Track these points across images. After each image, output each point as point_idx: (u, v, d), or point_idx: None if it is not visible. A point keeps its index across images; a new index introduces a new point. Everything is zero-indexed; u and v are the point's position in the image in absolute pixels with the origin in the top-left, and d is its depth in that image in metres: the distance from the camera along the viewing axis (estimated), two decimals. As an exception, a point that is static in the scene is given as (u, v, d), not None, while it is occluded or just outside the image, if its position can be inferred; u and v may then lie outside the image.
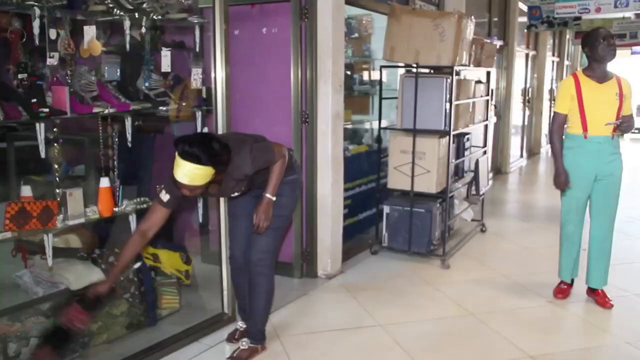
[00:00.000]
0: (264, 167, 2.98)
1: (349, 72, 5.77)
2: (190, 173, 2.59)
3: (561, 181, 3.99)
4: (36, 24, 2.69)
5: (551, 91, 13.65)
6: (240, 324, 3.53)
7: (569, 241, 4.16)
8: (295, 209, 3.29)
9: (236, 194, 3.05)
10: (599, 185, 3.96)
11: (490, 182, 6.61)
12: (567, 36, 14.17)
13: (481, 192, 5.89)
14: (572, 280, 4.29)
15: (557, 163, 4.01)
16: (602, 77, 3.88)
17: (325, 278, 4.64)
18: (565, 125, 4.02)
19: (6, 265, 3.48)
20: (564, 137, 4.05)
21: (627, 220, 6.44)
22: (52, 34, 2.81)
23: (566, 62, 14.53)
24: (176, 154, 2.60)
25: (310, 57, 4.41)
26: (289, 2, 4.35)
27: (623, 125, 3.83)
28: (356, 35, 6.05)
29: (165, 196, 2.84)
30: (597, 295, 4.11)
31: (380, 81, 5.26)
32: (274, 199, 3.04)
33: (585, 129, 3.88)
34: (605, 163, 3.91)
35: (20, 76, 2.73)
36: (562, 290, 4.25)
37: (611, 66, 3.96)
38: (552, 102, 13.88)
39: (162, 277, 3.79)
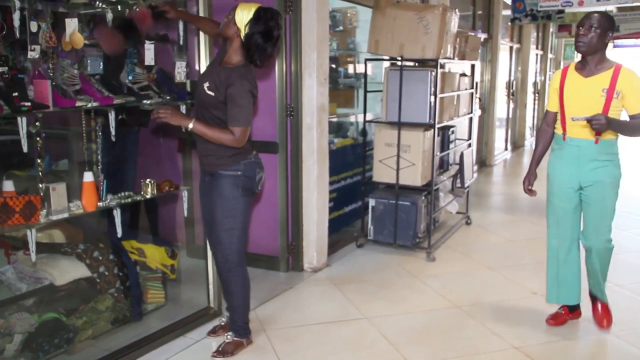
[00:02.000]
0: (223, 120, 2.97)
1: (334, 65, 5.76)
2: (250, 4, 2.96)
3: (524, 183, 3.64)
4: (16, 17, 2.65)
5: (535, 84, 13.74)
6: (224, 319, 3.53)
7: (552, 258, 3.64)
8: (247, 211, 3.16)
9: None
10: (584, 194, 3.47)
11: (475, 174, 6.64)
12: (551, 29, 14.26)
13: (466, 185, 5.92)
14: (575, 307, 3.74)
15: (530, 163, 3.69)
16: (590, 71, 3.34)
17: (311, 271, 4.64)
18: None
19: (-12, 261, 3.44)
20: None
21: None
22: (33, 26, 2.77)
23: (550, 55, 14.63)
24: None
25: (295, 50, 4.40)
26: (273, -5, 4.33)
27: (593, 124, 3.14)
28: (341, 28, 6.04)
29: None
30: (594, 309, 3.69)
31: (365, 74, 5.27)
32: (190, 126, 2.92)
33: (564, 128, 3.43)
34: (586, 170, 3.39)
35: (0, 69, 2.69)
36: (556, 316, 3.75)
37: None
38: (536, 95, 13.99)
39: (147, 271, 3.77)
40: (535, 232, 5.72)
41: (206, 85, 2.97)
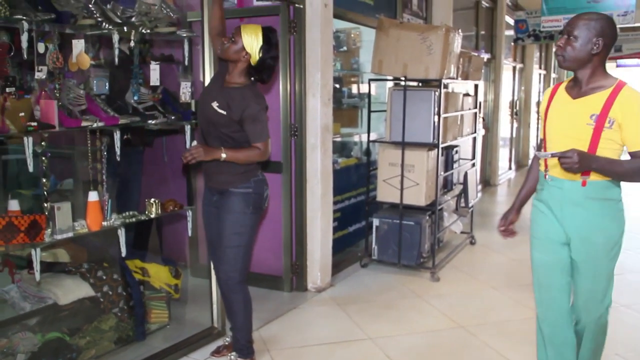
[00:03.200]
0: (242, 141, 3.01)
1: (337, 85, 5.79)
2: (254, 27, 3.00)
3: (500, 221, 2.94)
4: (24, 38, 2.68)
5: (538, 103, 13.76)
6: (228, 339, 3.51)
7: (539, 331, 2.86)
8: (255, 228, 3.19)
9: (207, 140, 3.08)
10: (572, 251, 2.62)
11: (479, 194, 6.64)
12: (554, 49, 14.33)
13: (470, 205, 5.91)
14: None
15: (513, 202, 3.01)
16: (580, 91, 2.52)
17: (315, 291, 4.63)
18: None
19: (-7, 280, 3.45)
20: None
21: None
22: (41, 47, 2.81)
23: (553, 75, 14.68)
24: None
25: (299, 70, 4.43)
26: (277, 16, 4.37)
27: (562, 164, 2.36)
28: (345, 48, 6.08)
29: None
30: None
31: (369, 94, 5.29)
32: (223, 156, 2.95)
33: (545, 164, 2.64)
34: (571, 220, 2.56)
35: (8, 90, 2.72)
36: None
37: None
38: (539, 114, 14.02)
39: (151, 291, 3.77)
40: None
41: (215, 104, 2.99)
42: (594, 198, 2.50)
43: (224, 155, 2.94)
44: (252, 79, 3.09)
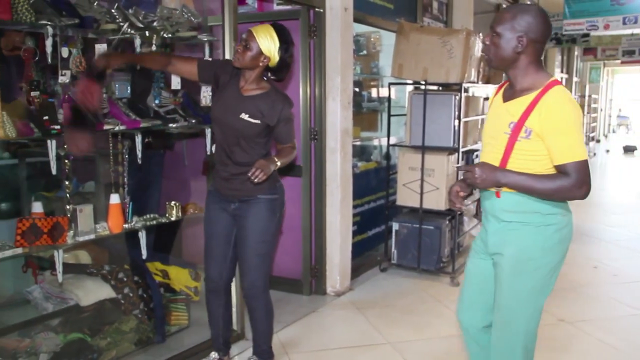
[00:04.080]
0: (265, 145, 2.97)
1: (357, 89, 5.79)
2: (264, 28, 2.83)
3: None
4: (49, 43, 2.73)
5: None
6: (214, 355, 3.32)
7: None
8: (278, 235, 3.13)
9: (228, 156, 2.96)
10: (494, 264, 2.39)
11: (500, 198, 6.57)
12: (576, 52, 14.19)
13: (490, 209, 5.85)
14: None
15: None
16: (512, 92, 2.27)
17: (334, 295, 4.62)
18: None
19: (17, 281, 3.50)
20: None
21: (637, 238, 6.40)
22: (64, 52, 2.85)
23: (575, 79, 14.55)
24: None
25: (319, 74, 4.44)
26: (297, 20, 4.39)
27: (465, 177, 2.26)
28: (364, 52, 6.08)
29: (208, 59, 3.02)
30: None
31: (389, 98, 5.28)
32: (278, 164, 2.84)
33: None
34: (490, 232, 2.35)
35: (32, 94, 2.77)
36: None
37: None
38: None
39: (171, 293, 3.80)
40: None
41: (245, 116, 2.87)
42: (509, 211, 2.25)
43: (279, 164, 2.85)
44: (265, 78, 2.98)
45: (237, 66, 2.88)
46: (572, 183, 2.09)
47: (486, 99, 5.85)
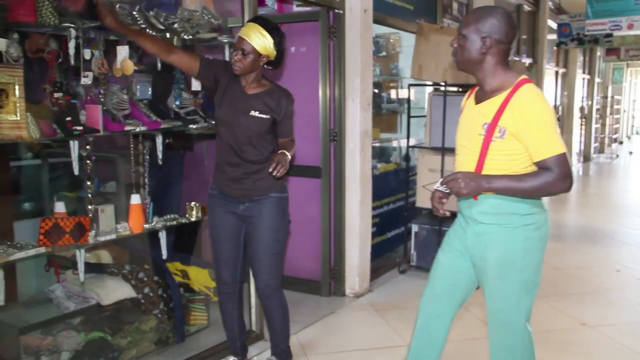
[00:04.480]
0: (271, 142, 3.00)
1: (377, 90, 5.78)
2: (252, 29, 2.81)
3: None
4: (72, 45, 2.77)
5: (582, 109, 13.49)
6: (232, 359, 3.33)
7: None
8: (288, 233, 3.14)
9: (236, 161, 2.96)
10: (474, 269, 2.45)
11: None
12: (598, 53, 14.03)
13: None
14: None
15: None
16: (483, 94, 2.31)
17: (353, 297, 4.62)
18: None
19: (39, 280, 3.54)
20: None
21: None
22: (87, 54, 2.89)
23: (597, 80, 14.38)
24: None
25: (339, 76, 4.43)
26: (317, 22, 4.39)
27: (449, 187, 2.26)
28: (384, 53, 6.07)
29: (211, 59, 3.01)
30: None
31: (409, 99, 5.27)
32: (289, 157, 2.86)
33: None
34: (470, 235, 2.39)
35: (55, 95, 2.80)
36: None
37: None
38: (583, 120, 13.73)
39: (190, 293, 3.82)
40: (583, 261, 5.58)
41: (255, 113, 2.89)
42: (487, 213, 2.27)
43: (289, 157, 2.88)
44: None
45: (239, 74, 2.88)
46: (555, 177, 2.12)
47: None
